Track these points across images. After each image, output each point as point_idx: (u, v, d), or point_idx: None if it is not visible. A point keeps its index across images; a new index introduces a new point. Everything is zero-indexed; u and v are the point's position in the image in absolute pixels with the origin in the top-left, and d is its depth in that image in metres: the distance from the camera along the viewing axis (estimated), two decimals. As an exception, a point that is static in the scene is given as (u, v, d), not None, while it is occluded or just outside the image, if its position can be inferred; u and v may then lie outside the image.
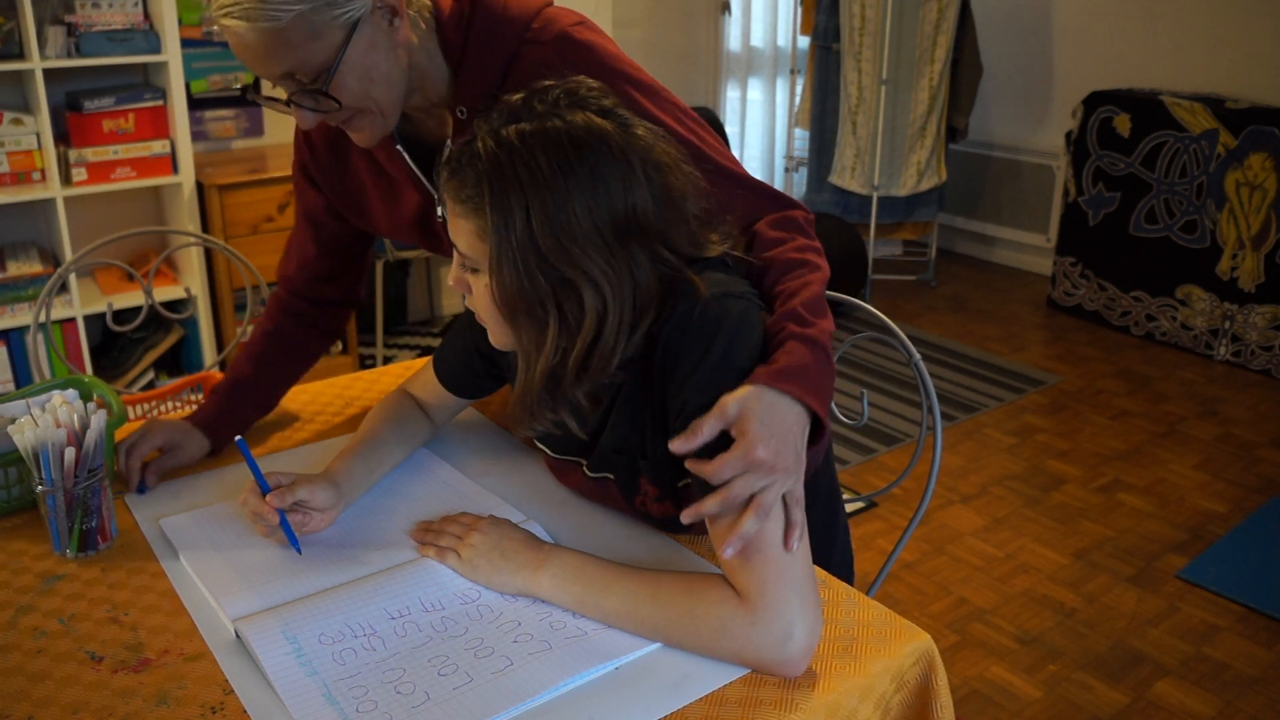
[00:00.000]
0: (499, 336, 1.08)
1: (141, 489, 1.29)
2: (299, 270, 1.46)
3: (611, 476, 1.17)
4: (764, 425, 0.93)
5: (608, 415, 1.12)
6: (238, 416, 1.41)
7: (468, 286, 1.06)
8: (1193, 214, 3.82)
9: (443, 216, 1.07)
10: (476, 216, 0.98)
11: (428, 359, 1.39)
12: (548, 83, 1.02)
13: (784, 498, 0.96)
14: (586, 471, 1.20)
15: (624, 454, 1.13)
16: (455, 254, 1.06)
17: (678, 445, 0.95)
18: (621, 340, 1.01)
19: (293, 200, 3.23)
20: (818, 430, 1.01)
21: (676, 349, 1.01)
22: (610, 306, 0.99)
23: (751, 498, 0.93)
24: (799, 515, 0.96)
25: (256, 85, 1.21)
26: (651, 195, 1.00)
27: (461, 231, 1.01)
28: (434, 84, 1.20)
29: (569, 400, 1.04)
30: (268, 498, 1.13)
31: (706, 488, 0.96)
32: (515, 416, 1.07)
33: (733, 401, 0.95)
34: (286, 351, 1.47)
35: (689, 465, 0.96)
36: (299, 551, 1.14)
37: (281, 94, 1.14)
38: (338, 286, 1.49)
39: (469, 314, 1.29)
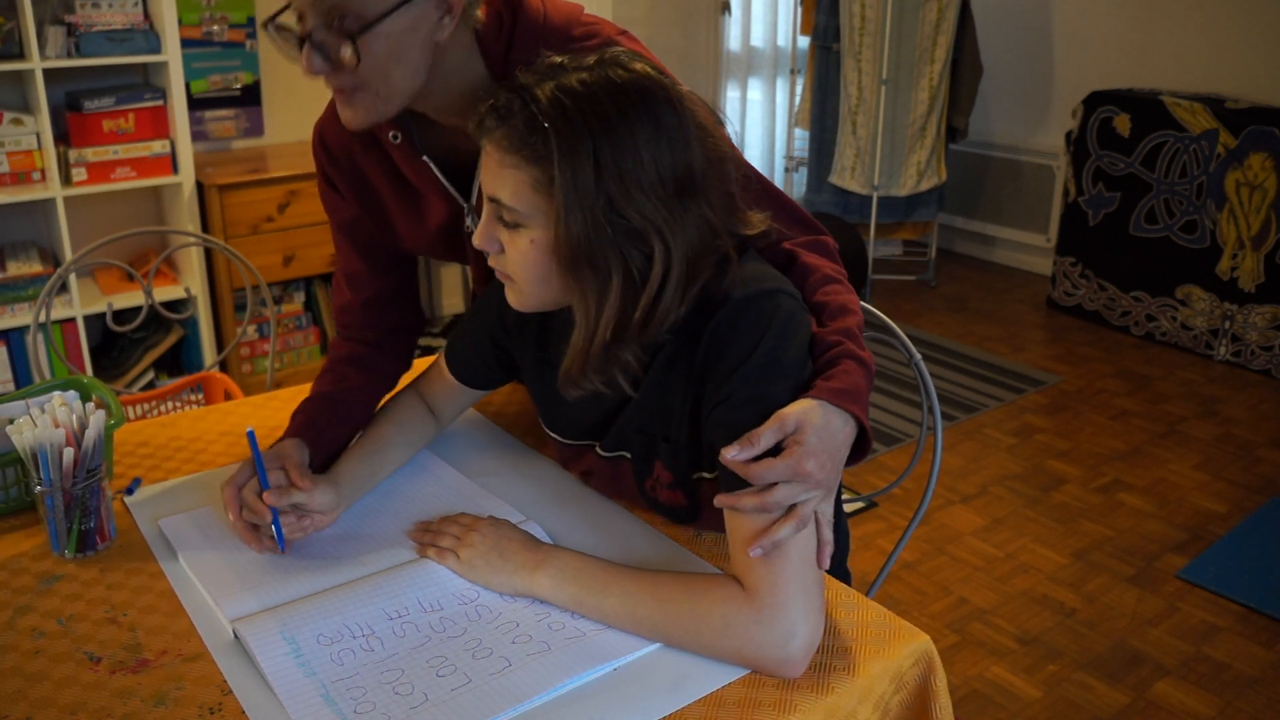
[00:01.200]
0: (532, 294, 1.05)
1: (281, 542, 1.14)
2: (355, 294, 1.36)
3: (627, 455, 1.17)
4: (819, 439, 0.94)
5: (631, 393, 1.11)
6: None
7: (499, 245, 1.03)
8: (1193, 214, 3.82)
9: (471, 228, 1.05)
10: (534, 166, 0.96)
11: (432, 358, 1.38)
12: (591, 58, 1.01)
13: (815, 514, 0.96)
14: (600, 451, 1.20)
15: (645, 434, 1.13)
16: (486, 209, 1.02)
17: (732, 454, 0.94)
18: (678, 297, 1.00)
19: (292, 200, 3.25)
20: (853, 453, 1.03)
21: (725, 338, 1.01)
22: (675, 259, 0.98)
23: (792, 506, 0.94)
24: (829, 534, 0.97)
25: (275, 16, 1.11)
26: (702, 153, 1.00)
27: (509, 182, 0.98)
28: (473, 90, 1.15)
29: (621, 359, 1.03)
30: (265, 495, 1.12)
31: (737, 481, 0.96)
32: (570, 376, 1.05)
33: (792, 415, 0.95)
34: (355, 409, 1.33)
35: (729, 463, 0.95)
36: (282, 550, 1.14)
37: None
38: (397, 308, 1.39)
39: (481, 301, 1.27)
